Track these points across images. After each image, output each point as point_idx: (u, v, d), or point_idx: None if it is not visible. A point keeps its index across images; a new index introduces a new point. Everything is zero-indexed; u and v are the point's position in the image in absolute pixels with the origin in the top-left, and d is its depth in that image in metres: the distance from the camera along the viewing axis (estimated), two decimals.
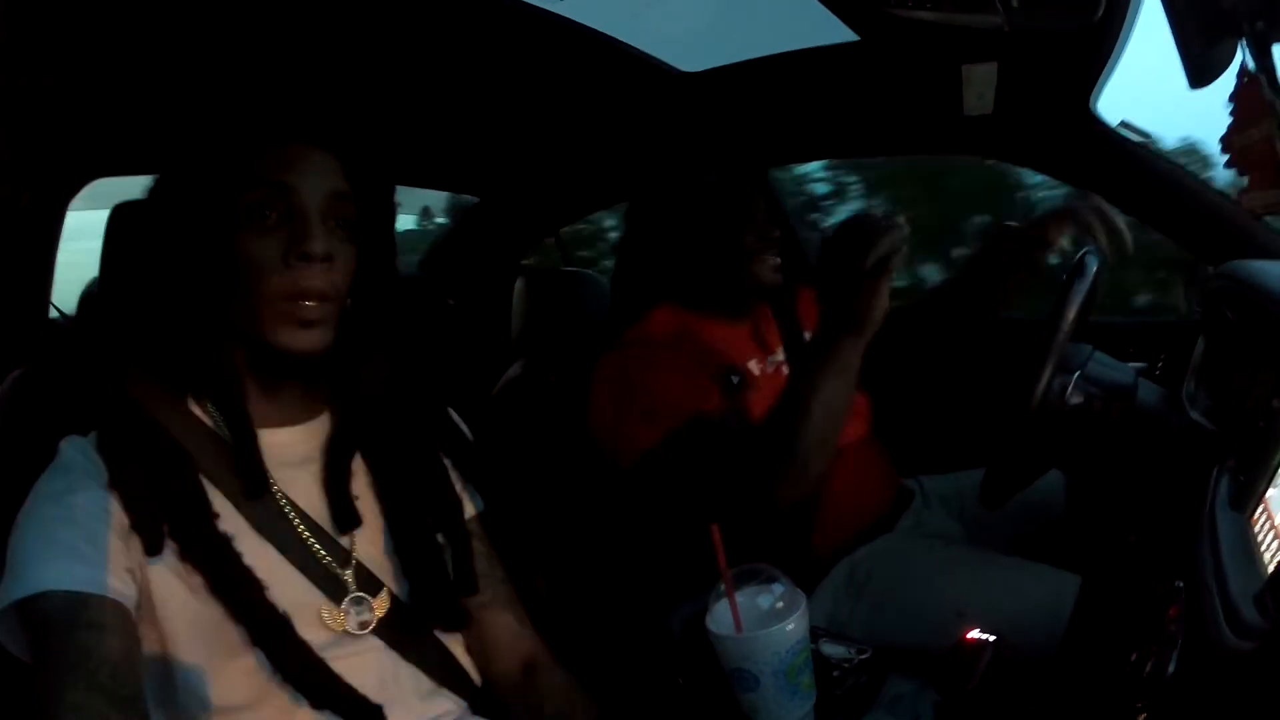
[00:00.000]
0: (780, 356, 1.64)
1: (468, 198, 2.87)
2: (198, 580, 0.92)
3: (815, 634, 1.10)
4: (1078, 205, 1.45)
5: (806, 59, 1.79)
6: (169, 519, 0.92)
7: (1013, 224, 1.54)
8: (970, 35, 1.52)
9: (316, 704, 0.94)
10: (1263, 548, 0.84)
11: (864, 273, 1.13)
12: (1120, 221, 1.41)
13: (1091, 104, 1.80)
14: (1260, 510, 0.89)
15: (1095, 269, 1.31)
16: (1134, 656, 0.91)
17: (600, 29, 1.64)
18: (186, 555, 0.92)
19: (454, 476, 1.16)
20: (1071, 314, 1.26)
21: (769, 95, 1.99)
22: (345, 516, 1.03)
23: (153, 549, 0.90)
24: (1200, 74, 1.03)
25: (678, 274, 1.62)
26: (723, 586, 1.04)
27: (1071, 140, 1.88)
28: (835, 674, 1.14)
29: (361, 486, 1.07)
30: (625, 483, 1.45)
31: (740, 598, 1.04)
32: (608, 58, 1.74)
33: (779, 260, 1.61)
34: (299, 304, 0.96)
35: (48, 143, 1.50)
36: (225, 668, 0.93)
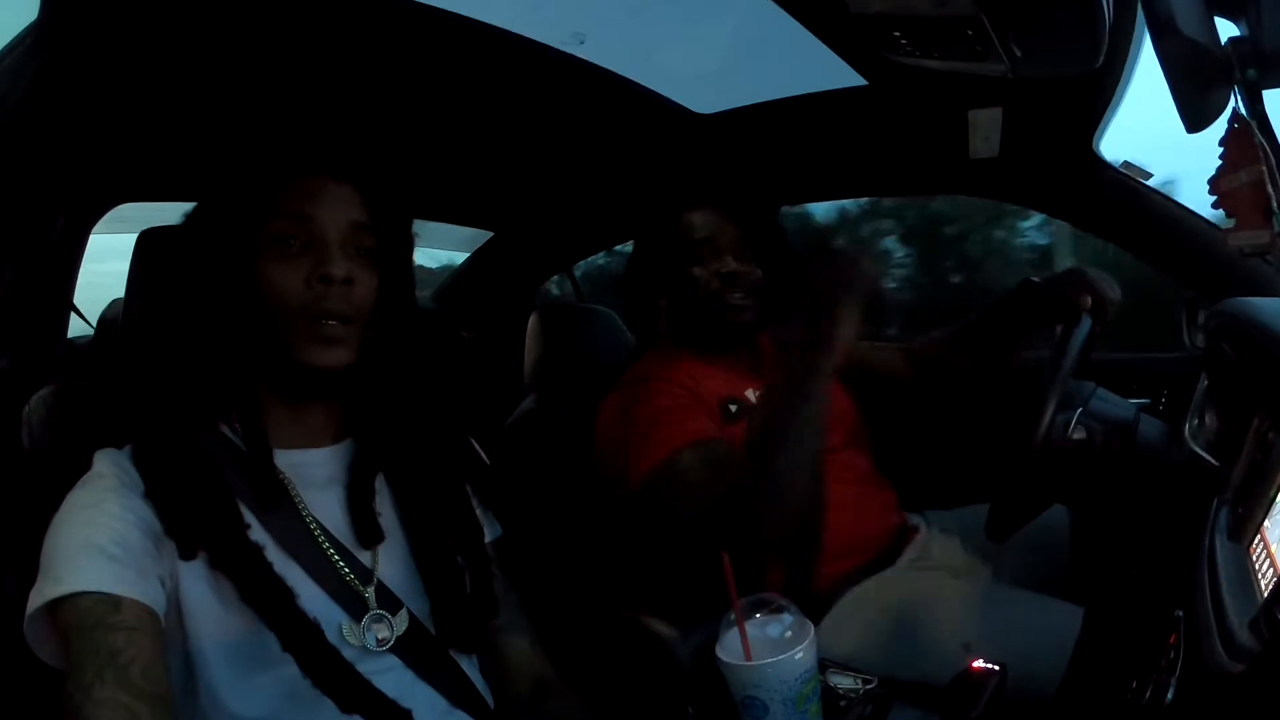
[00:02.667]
0: None
1: None
2: (228, 589, 0.94)
3: (822, 665, 1.10)
4: (1091, 272, 1.47)
5: (817, 102, 1.82)
6: (202, 528, 0.94)
7: (1036, 280, 1.56)
8: (975, 81, 1.55)
9: (345, 708, 0.95)
10: (1259, 576, 0.86)
11: (835, 300, 1.18)
12: (1115, 295, 1.43)
13: (1095, 145, 1.83)
14: (1257, 540, 0.90)
15: (1090, 324, 1.35)
16: (1135, 684, 0.92)
17: (619, 71, 1.68)
18: (218, 564, 0.94)
19: (473, 502, 1.18)
20: (1072, 354, 1.29)
21: (781, 137, 2.02)
22: (368, 530, 1.06)
23: (187, 553, 0.93)
24: (1195, 119, 1.06)
25: (660, 316, 1.66)
26: (733, 615, 1.05)
27: (1075, 181, 1.91)
28: (842, 704, 1.14)
29: (384, 507, 1.09)
30: (630, 511, 1.46)
31: (750, 627, 1.04)
32: (625, 98, 1.77)
33: (744, 298, 1.62)
34: (322, 323, 1.01)
35: (72, 169, 1.53)
36: (251, 678, 0.95)
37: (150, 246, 1.25)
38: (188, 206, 1.12)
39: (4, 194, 1.21)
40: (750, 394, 1.58)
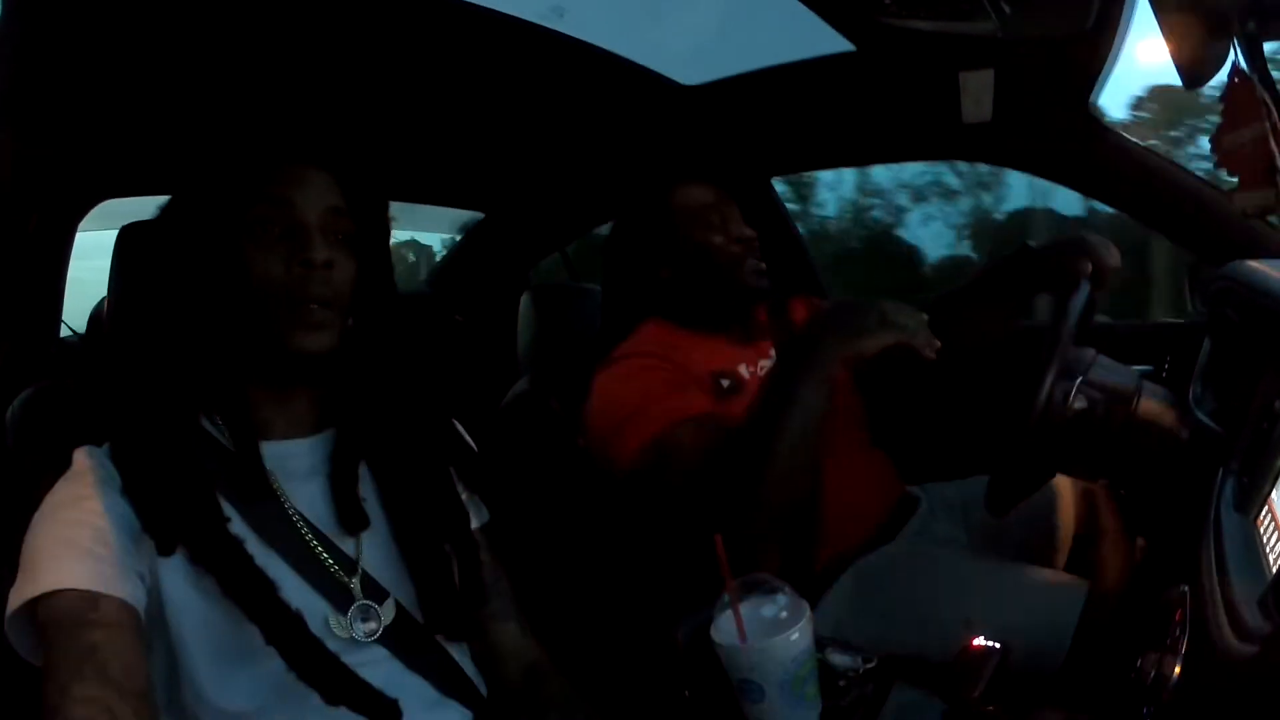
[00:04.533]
0: (772, 359, 1.62)
1: None
2: (209, 583, 0.93)
3: (821, 643, 1.08)
4: (1090, 238, 1.44)
5: (805, 70, 1.79)
6: (181, 523, 0.93)
7: (1033, 244, 1.54)
8: (966, 43, 1.52)
9: (331, 700, 0.93)
10: (1267, 550, 0.83)
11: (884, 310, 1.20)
12: (1115, 260, 1.40)
13: (1091, 106, 1.80)
14: (1265, 512, 0.88)
15: (1089, 290, 1.32)
16: (1139, 662, 0.90)
17: (601, 44, 1.65)
18: (198, 558, 0.93)
19: (459, 488, 1.16)
20: (1071, 321, 1.26)
21: (769, 106, 1.99)
22: (353, 518, 1.04)
23: (165, 549, 0.91)
24: (1193, 75, 1.03)
25: (660, 288, 1.63)
26: (727, 597, 1.03)
27: (1072, 144, 1.88)
28: (841, 683, 1.12)
29: (367, 495, 1.08)
30: (623, 492, 1.45)
31: (744, 608, 1.03)
32: (610, 72, 1.75)
33: (761, 264, 1.61)
34: (305, 307, 0.99)
35: (56, 165, 1.51)
36: (235, 672, 0.94)
37: (131, 241, 1.24)
38: None
39: None
40: (743, 369, 1.56)
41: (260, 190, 1.01)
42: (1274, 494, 0.88)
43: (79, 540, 0.88)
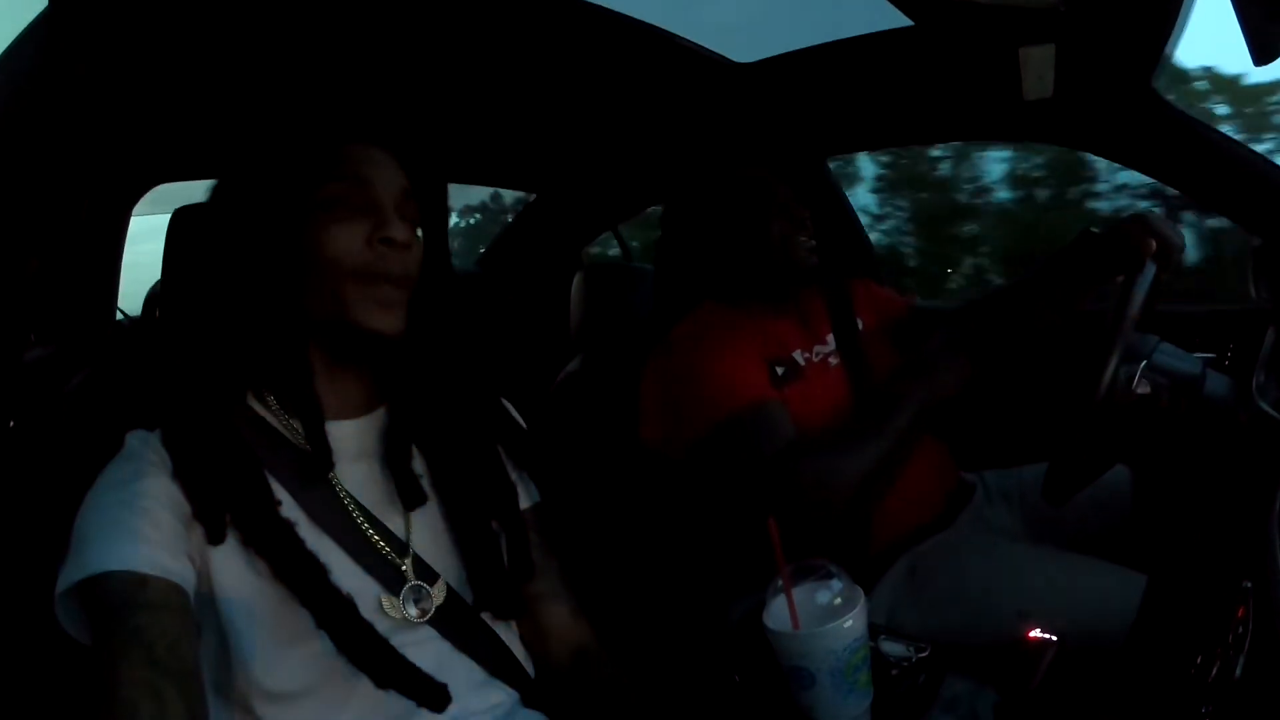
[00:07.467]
0: (830, 345, 1.62)
1: None
2: (261, 566, 0.94)
3: (874, 632, 1.08)
4: (1154, 217, 1.40)
5: (861, 46, 1.77)
6: (232, 507, 0.94)
7: (1095, 230, 1.50)
8: (1026, 17, 1.49)
9: (381, 684, 0.94)
10: None
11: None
12: (1180, 240, 1.37)
13: (1154, 84, 1.75)
14: None
15: (1155, 270, 1.29)
16: (1200, 659, 0.89)
17: (652, 21, 1.64)
18: (249, 542, 0.94)
19: (509, 467, 1.17)
20: (1137, 302, 1.23)
21: (824, 84, 1.97)
22: (410, 495, 1.05)
23: (215, 537, 0.92)
24: (1264, 50, 0.99)
25: (713, 269, 1.62)
26: (780, 582, 1.03)
27: (1134, 122, 1.83)
28: (893, 673, 1.12)
29: (419, 474, 1.08)
30: (676, 474, 1.45)
31: (798, 594, 1.02)
32: (661, 50, 1.73)
33: (813, 242, 1.60)
34: (379, 285, 1.00)
35: (110, 151, 1.53)
36: (286, 654, 0.95)
37: (185, 223, 1.25)
38: None
39: (25, 183, 1.20)
40: (799, 355, 1.55)
41: (333, 168, 1.01)
42: None
43: (129, 522, 0.88)
